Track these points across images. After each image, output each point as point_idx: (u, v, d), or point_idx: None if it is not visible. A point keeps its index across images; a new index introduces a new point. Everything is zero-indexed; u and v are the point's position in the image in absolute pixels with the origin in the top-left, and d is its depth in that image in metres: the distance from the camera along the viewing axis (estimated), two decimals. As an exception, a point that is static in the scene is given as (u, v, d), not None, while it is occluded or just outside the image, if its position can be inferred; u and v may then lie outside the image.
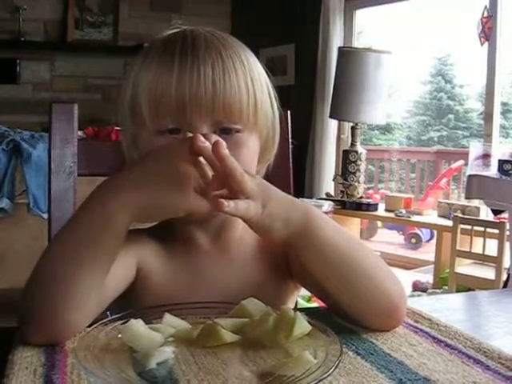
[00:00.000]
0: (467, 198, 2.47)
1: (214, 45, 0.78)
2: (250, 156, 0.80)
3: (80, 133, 1.04)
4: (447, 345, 0.70)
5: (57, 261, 0.68)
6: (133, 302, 0.81)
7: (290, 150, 1.18)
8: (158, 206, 0.66)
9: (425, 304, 0.84)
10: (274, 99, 0.85)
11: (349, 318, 0.76)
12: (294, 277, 0.87)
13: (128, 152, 0.85)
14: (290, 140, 1.17)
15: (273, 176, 1.07)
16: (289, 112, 1.16)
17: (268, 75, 0.84)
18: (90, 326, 0.66)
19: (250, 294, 0.73)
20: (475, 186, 2.22)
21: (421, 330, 0.75)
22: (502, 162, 2.27)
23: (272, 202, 0.68)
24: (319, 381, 0.55)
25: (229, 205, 0.64)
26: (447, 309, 0.89)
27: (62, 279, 0.66)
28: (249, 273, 0.85)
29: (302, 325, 0.65)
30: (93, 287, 0.68)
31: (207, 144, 0.65)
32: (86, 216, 0.68)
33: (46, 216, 2.57)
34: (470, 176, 2.30)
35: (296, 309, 0.71)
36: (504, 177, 2.20)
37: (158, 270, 0.83)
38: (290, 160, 1.18)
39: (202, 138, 0.65)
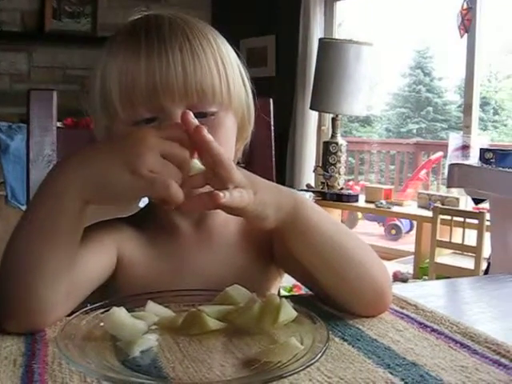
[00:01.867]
0: (449, 187, 2.48)
1: (180, 27, 0.76)
2: (228, 136, 0.79)
3: (59, 124, 1.01)
4: (434, 330, 0.70)
5: (20, 243, 0.66)
6: (115, 291, 0.80)
7: (273, 140, 1.17)
8: (105, 185, 0.62)
9: (409, 291, 0.84)
10: (245, 77, 0.83)
11: (335, 304, 0.76)
12: (278, 263, 0.86)
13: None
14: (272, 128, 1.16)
15: (255, 166, 1.07)
16: (271, 100, 1.15)
17: (237, 53, 0.83)
18: (70, 316, 0.65)
19: (233, 280, 0.72)
20: (456, 175, 2.22)
21: (407, 315, 0.75)
22: (483, 151, 2.28)
23: (262, 190, 0.67)
24: (306, 367, 0.55)
25: (224, 195, 0.61)
26: (431, 295, 0.89)
27: (27, 261, 0.65)
28: (232, 259, 0.84)
29: (288, 311, 0.64)
30: (60, 266, 0.66)
31: (197, 122, 0.63)
32: (40, 197, 0.66)
33: (24, 208, 2.54)
34: (451, 165, 2.30)
35: (281, 296, 0.70)
36: (485, 165, 2.21)
37: (140, 258, 0.82)
38: (273, 149, 1.17)
39: (192, 115, 0.63)
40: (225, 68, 0.77)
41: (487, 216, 2.80)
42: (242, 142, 0.86)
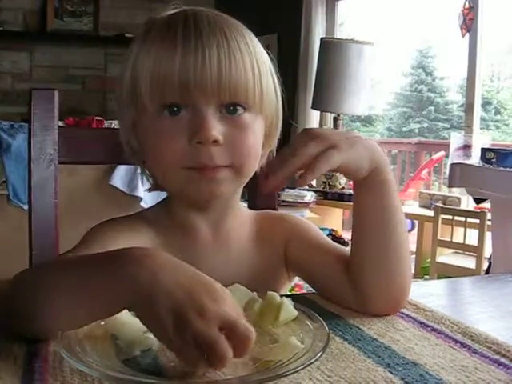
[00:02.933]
0: (450, 186, 2.48)
1: (218, 26, 0.75)
2: (255, 139, 0.78)
3: (60, 123, 1.01)
4: (434, 329, 0.70)
5: (53, 287, 0.61)
6: None
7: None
8: (157, 316, 0.54)
9: (410, 290, 0.84)
10: (277, 85, 0.82)
11: (346, 301, 0.77)
12: (290, 266, 0.87)
13: (127, 140, 0.81)
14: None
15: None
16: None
17: (271, 58, 0.81)
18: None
19: (246, 283, 0.71)
20: (458, 175, 2.23)
21: (407, 315, 0.75)
22: (484, 151, 2.28)
23: (358, 143, 0.70)
24: (306, 366, 0.55)
25: (313, 173, 0.66)
26: (432, 294, 0.89)
27: (51, 307, 0.61)
28: (246, 262, 0.84)
29: (289, 310, 0.64)
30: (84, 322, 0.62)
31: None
32: (96, 271, 0.59)
33: (25, 207, 2.54)
34: (452, 164, 2.31)
35: (282, 294, 0.70)
36: (487, 165, 2.22)
37: None
38: (274, 149, 1.17)
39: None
40: (260, 72, 0.76)
41: (488, 215, 2.81)
42: (266, 150, 0.84)
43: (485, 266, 2.90)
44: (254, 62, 0.76)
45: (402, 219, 0.76)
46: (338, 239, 3.17)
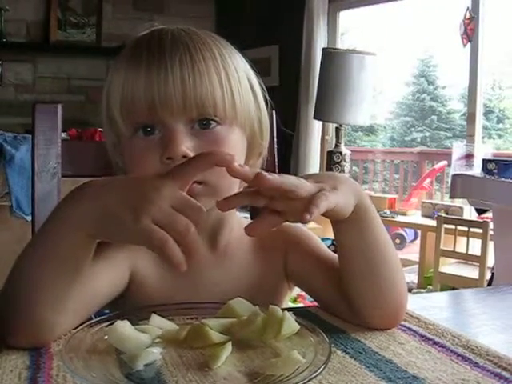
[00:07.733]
0: (452, 197, 2.49)
1: (181, 40, 0.75)
2: (233, 152, 0.77)
3: (63, 134, 1.02)
4: (435, 343, 0.70)
5: (24, 265, 0.65)
6: (128, 306, 0.79)
7: (276, 151, 1.18)
8: (107, 223, 0.60)
9: (411, 302, 0.84)
10: (257, 91, 0.82)
11: (346, 313, 0.76)
12: (290, 277, 0.86)
13: (113, 158, 0.84)
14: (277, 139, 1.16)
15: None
16: (273, 112, 1.16)
17: (251, 67, 0.81)
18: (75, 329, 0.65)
19: (247, 294, 0.72)
20: (460, 186, 2.23)
21: (409, 328, 0.75)
22: (485, 162, 2.29)
23: (339, 182, 0.68)
24: (308, 380, 0.55)
25: (312, 213, 0.61)
26: (434, 307, 0.89)
27: (29, 284, 0.64)
28: (246, 275, 0.84)
29: (291, 324, 0.65)
30: (63, 291, 0.65)
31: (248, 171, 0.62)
32: (48, 221, 0.64)
33: (29, 218, 2.55)
34: (454, 175, 2.32)
35: (284, 308, 0.70)
36: (488, 176, 2.22)
37: (154, 274, 0.81)
38: (276, 160, 1.18)
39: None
40: (229, 80, 0.76)
41: (491, 225, 2.81)
42: (255, 159, 0.84)
43: (488, 275, 2.89)
44: (221, 70, 0.75)
45: (389, 247, 0.74)
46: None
